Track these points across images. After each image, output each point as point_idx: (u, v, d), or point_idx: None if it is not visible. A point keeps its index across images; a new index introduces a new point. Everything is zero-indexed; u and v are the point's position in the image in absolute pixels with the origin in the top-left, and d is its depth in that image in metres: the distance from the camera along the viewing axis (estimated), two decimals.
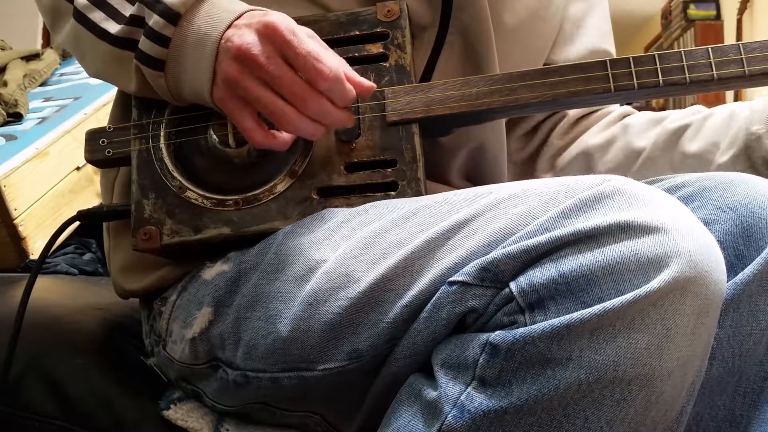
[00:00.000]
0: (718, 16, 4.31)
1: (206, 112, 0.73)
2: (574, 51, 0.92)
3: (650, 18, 5.13)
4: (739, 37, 3.77)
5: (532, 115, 0.96)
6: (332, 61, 0.64)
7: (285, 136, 0.68)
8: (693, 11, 4.35)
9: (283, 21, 0.65)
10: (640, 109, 0.99)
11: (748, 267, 0.61)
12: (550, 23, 0.89)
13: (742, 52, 0.69)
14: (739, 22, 3.83)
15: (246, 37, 0.65)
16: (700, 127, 0.86)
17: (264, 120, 0.68)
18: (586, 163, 0.93)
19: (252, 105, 0.66)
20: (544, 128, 0.97)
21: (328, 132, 0.71)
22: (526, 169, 0.99)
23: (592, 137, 0.93)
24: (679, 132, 0.87)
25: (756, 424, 0.62)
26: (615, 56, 0.92)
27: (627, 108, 0.96)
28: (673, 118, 0.89)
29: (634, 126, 0.91)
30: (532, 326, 0.51)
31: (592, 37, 0.93)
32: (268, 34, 0.64)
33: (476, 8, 0.78)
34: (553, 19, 0.90)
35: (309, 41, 0.64)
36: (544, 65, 0.90)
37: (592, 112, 0.97)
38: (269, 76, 0.64)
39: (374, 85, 0.68)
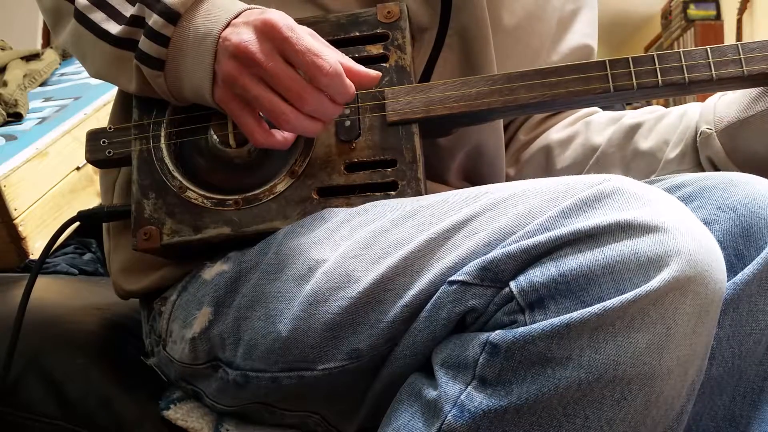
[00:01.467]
0: (718, 16, 4.31)
1: (207, 113, 0.73)
2: (559, 51, 0.92)
3: (650, 18, 5.13)
4: (739, 37, 3.77)
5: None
6: (331, 57, 0.64)
7: (286, 135, 0.68)
8: (693, 11, 4.35)
9: (281, 18, 0.65)
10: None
11: (748, 267, 0.61)
12: (548, 24, 0.90)
13: (741, 53, 0.69)
14: (739, 22, 3.83)
15: (244, 35, 0.65)
16: (654, 126, 0.86)
17: (267, 121, 0.68)
18: (546, 158, 0.93)
19: (252, 104, 0.66)
20: (515, 124, 0.97)
21: (327, 129, 0.71)
22: None
23: (554, 133, 0.93)
24: (634, 129, 0.87)
25: (756, 424, 0.62)
26: (596, 52, 0.93)
27: (594, 108, 0.96)
28: (630, 116, 0.89)
29: (594, 123, 0.91)
30: (532, 325, 0.51)
31: (576, 36, 0.94)
32: (266, 31, 0.64)
33: (475, 9, 0.78)
34: (550, 19, 0.90)
35: (307, 38, 0.64)
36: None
37: (561, 111, 0.97)
38: (267, 74, 0.64)
39: (379, 74, 0.68)
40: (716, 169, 0.79)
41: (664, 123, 0.85)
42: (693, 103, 0.85)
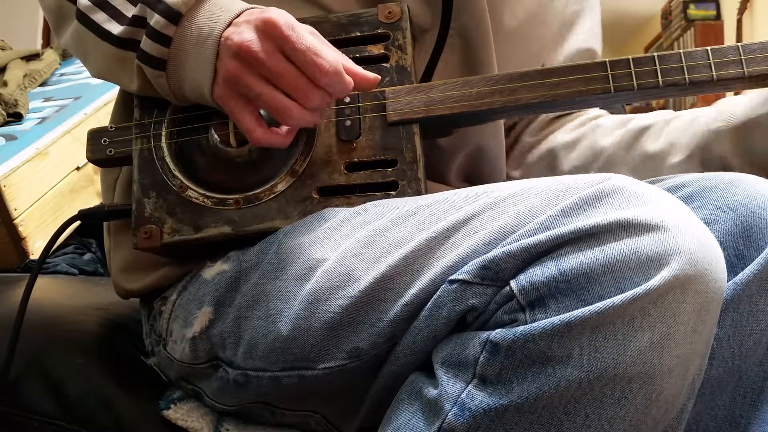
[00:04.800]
0: (718, 16, 4.31)
1: (208, 112, 0.73)
2: (562, 53, 0.92)
3: (650, 18, 5.14)
4: (739, 37, 3.77)
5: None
6: (331, 56, 0.64)
7: (285, 134, 0.69)
8: (693, 11, 4.35)
9: (281, 17, 0.65)
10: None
11: (748, 267, 0.61)
12: (549, 26, 0.90)
13: (742, 54, 0.69)
14: (739, 22, 3.83)
15: (245, 35, 0.65)
16: (663, 129, 0.85)
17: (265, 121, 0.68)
18: (552, 161, 0.92)
19: (253, 102, 0.67)
20: (519, 126, 0.96)
21: (330, 131, 0.71)
22: None
23: (560, 135, 0.93)
24: (642, 132, 0.87)
25: (756, 425, 0.62)
26: (600, 55, 0.93)
27: (600, 111, 0.96)
28: (639, 119, 0.89)
29: (602, 126, 0.91)
30: (533, 324, 0.51)
31: (580, 39, 0.94)
32: (268, 31, 0.65)
33: (476, 10, 0.78)
34: (552, 22, 0.90)
35: (308, 36, 0.65)
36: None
37: (568, 114, 0.97)
38: (270, 72, 0.65)
39: (378, 77, 0.69)
40: (726, 169, 0.79)
41: (674, 126, 0.85)
42: (705, 107, 0.85)
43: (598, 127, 0.91)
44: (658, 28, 4.92)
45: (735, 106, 0.80)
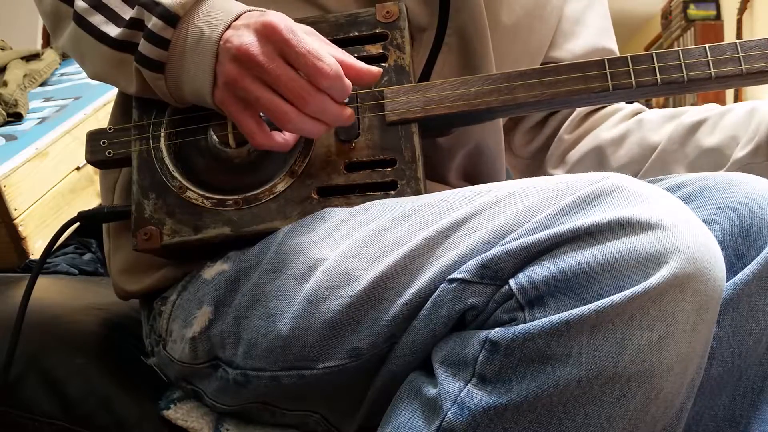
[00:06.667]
0: (718, 16, 4.31)
1: (206, 113, 0.73)
2: (575, 48, 0.92)
3: (650, 18, 5.14)
4: (739, 37, 3.77)
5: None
6: (331, 59, 0.64)
7: (287, 137, 0.68)
8: (693, 11, 4.35)
9: (281, 20, 0.65)
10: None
11: (748, 267, 0.61)
12: (547, 22, 0.90)
13: (740, 51, 0.69)
14: (739, 22, 3.83)
15: (245, 38, 0.65)
16: (718, 122, 0.85)
17: (267, 123, 0.68)
18: (599, 158, 0.92)
19: (253, 106, 0.66)
20: (553, 123, 0.96)
21: (329, 132, 0.71)
22: (535, 164, 0.98)
23: (605, 132, 0.93)
24: (696, 126, 0.86)
25: (755, 424, 0.62)
26: (617, 53, 0.92)
27: (639, 105, 0.96)
28: (690, 113, 0.88)
29: (649, 121, 0.91)
30: (532, 323, 0.51)
31: (592, 34, 0.93)
32: (267, 34, 0.64)
33: (473, 8, 0.78)
34: (550, 18, 0.90)
35: (308, 39, 0.64)
36: (542, 64, 0.90)
37: (602, 107, 0.96)
38: (269, 76, 0.64)
39: (380, 70, 0.69)
40: None
41: (730, 119, 0.85)
42: (760, 100, 0.84)
43: (644, 122, 0.91)
44: (658, 28, 4.92)
45: None
